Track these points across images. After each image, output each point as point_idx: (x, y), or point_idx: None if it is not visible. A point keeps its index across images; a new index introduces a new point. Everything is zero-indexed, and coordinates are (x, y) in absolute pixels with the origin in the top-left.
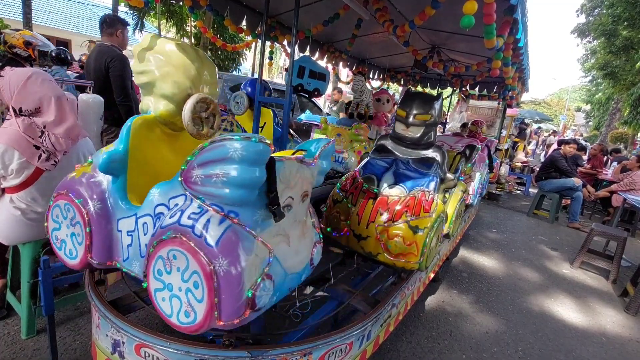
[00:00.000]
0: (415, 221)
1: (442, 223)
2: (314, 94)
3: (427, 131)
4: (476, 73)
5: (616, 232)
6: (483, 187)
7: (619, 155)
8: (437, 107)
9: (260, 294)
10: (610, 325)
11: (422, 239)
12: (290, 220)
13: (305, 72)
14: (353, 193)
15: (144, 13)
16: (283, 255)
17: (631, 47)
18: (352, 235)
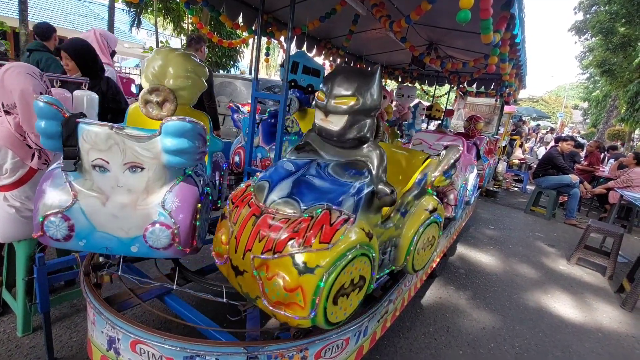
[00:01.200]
0: (305, 255)
1: (361, 262)
2: (307, 90)
3: (353, 121)
4: (473, 70)
5: (613, 229)
6: (473, 193)
7: (616, 152)
8: (369, 86)
9: (48, 224)
10: (606, 321)
11: (311, 284)
12: (110, 183)
13: (298, 68)
14: (238, 206)
15: (140, 10)
16: (92, 209)
17: (628, 44)
18: (230, 266)
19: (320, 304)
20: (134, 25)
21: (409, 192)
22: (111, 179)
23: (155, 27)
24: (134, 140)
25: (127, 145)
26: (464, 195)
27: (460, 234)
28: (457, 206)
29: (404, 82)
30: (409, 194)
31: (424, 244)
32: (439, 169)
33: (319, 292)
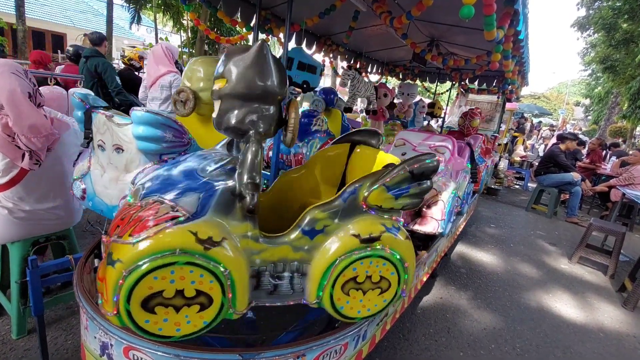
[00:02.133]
0: (112, 245)
1: (190, 271)
2: (303, 87)
3: (226, 108)
4: (475, 66)
5: (614, 227)
6: (466, 201)
7: (618, 150)
8: (243, 67)
9: (74, 185)
10: (607, 321)
11: (112, 278)
12: (106, 160)
13: (293, 64)
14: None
15: (140, 7)
16: (94, 178)
17: (631, 41)
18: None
19: (122, 305)
20: (134, 22)
21: (323, 206)
22: (106, 157)
23: (154, 24)
24: (116, 127)
25: (113, 130)
26: (453, 206)
27: (461, 233)
28: (445, 220)
29: (405, 80)
30: (321, 209)
31: (359, 284)
32: (379, 182)
33: (116, 290)
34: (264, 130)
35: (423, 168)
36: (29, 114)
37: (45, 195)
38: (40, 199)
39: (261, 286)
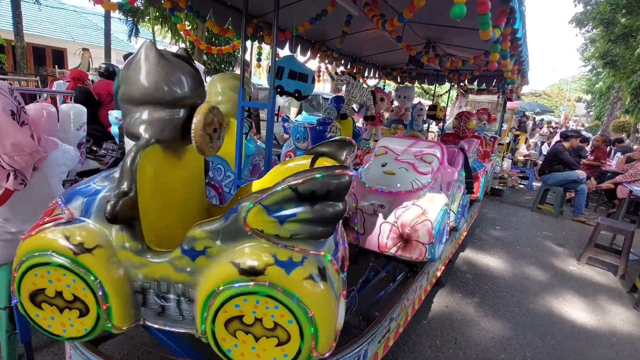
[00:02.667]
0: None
1: (55, 272)
2: (295, 96)
3: (123, 114)
4: (474, 67)
5: (623, 226)
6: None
7: (622, 145)
8: (131, 68)
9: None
10: (620, 324)
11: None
12: None
13: (284, 73)
14: None
15: (138, 19)
16: None
17: (630, 35)
18: None
19: (16, 295)
20: (132, 35)
21: (204, 225)
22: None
23: (152, 36)
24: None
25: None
26: (445, 224)
27: (466, 236)
28: (434, 244)
29: (403, 83)
30: (201, 228)
31: (247, 327)
32: (256, 200)
33: (12, 281)
34: (155, 135)
35: (312, 186)
36: (11, 132)
37: (32, 216)
38: (27, 220)
39: (147, 304)
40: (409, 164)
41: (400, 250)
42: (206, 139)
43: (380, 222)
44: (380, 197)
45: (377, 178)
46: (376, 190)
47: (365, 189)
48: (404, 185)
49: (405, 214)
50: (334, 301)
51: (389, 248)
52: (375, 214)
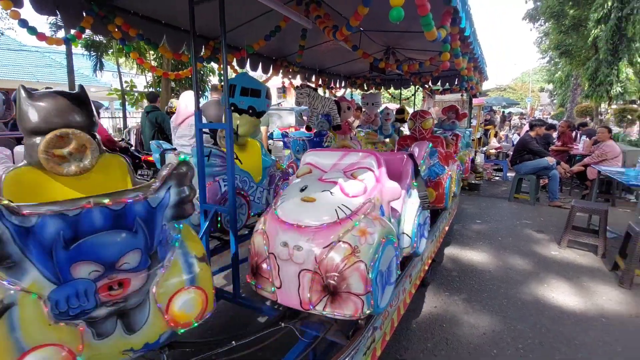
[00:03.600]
0: None
1: None
2: (249, 112)
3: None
4: (432, 68)
5: (597, 206)
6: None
7: (587, 129)
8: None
9: None
10: (607, 304)
11: None
12: None
13: (236, 91)
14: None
15: (101, 53)
16: None
17: (580, 25)
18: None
19: None
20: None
21: None
22: None
23: (117, 68)
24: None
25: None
26: (390, 261)
27: (448, 233)
28: (375, 293)
29: (368, 90)
30: None
31: None
32: None
33: None
34: (25, 158)
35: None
36: None
37: None
38: None
39: None
40: (334, 184)
41: (328, 307)
42: (51, 161)
43: (298, 269)
44: (296, 235)
45: (293, 208)
46: (291, 225)
47: (278, 224)
48: (325, 215)
49: (329, 257)
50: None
51: (314, 304)
52: (290, 258)
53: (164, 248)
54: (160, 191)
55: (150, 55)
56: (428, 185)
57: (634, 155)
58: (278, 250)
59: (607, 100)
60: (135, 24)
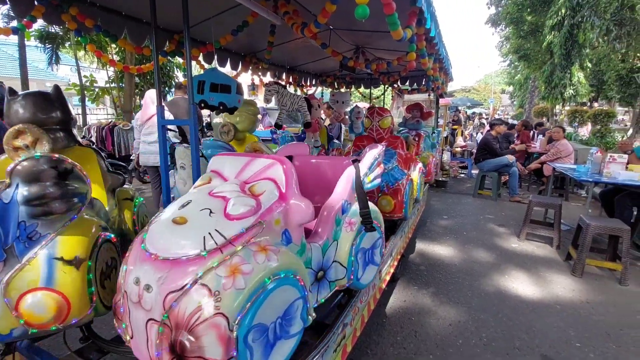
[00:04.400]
0: None
1: None
2: (220, 109)
3: None
4: (399, 68)
5: (552, 201)
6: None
7: (543, 128)
8: None
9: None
10: (561, 292)
11: None
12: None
13: (205, 87)
14: None
15: (57, 45)
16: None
17: (537, 30)
18: None
19: None
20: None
21: None
22: (187, 173)
23: (75, 62)
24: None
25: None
26: (287, 307)
27: (417, 230)
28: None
29: (338, 88)
30: None
31: None
32: None
33: None
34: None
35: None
36: None
37: None
38: None
39: None
40: (223, 200)
41: None
42: (11, 151)
43: (145, 317)
44: (151, 270)
45: (160, 232)
46: (149, 255)
47: (138, 252)
48: (190, 243)
49: (180, 305)
50: None
51: None
52: (139, 301)
53: (24, 245)
54: (10, 187)
55: (112, 49)
56: (386, 193)
57: (584, 153)
58: (129, 289)
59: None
60: (92, 14)
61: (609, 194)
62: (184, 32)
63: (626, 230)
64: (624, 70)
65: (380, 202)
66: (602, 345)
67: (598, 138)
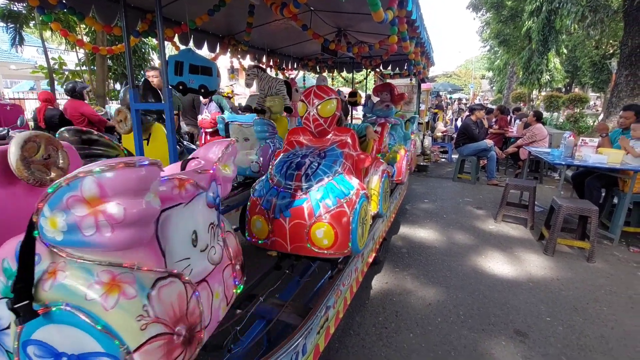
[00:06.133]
0: None
1: None
2: (200, 92)
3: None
4: (381, 52)
5: (527, 183)
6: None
7: (520, 113)
8: None
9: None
10: (534, 270)
11: None
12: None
13: (184, 68)
14: None
15: (21, 25)
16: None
17: (516, 16)
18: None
19: None
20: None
21: None
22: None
23: (42, 43)
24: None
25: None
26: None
27: (399, 214)
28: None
29: (321, 73)
30: None
31: None
32: None
33: None
34: None
35: None
36: None
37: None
38: None
39: None
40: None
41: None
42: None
43: None
44: None
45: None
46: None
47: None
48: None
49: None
50: None
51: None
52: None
53: None
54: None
55: (82, 29)
56: (321, 219)
57: (558, 137)
58: None
59: (538, 88)
60: None
61: (580, 177)
62: (156, 10)
63: (595, 211)
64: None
65: (312, 233)
66: (570, 318)
67: (571, 122)
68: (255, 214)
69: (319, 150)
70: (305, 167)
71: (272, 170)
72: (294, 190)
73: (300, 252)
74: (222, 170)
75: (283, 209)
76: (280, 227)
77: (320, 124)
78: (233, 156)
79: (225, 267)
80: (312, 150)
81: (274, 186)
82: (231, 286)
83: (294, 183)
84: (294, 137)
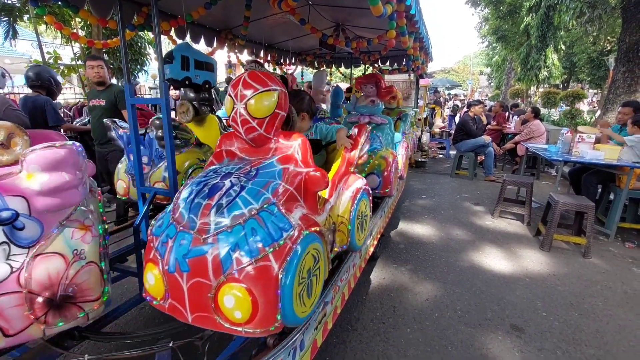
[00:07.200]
0: None
1: None
2: (205, 87)
3: None
4: (380, 47)
5: (524, 180)
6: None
7: (518, 109)
8: None
9: None
10: (531, 265)
11: None
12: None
13: (190, 63)
14: None
15: (14, 18)
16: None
17: (515, 12)
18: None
19: None
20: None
21: None
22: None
23: (36, 36)
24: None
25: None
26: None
27: (397, 209)
28: None
29: (319, 68)
30: None
31: None
32: None
33: None
34: None
35: None
36: None
37: None
38: None
39: None
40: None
41: None
42: None
43: None
44: None
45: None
46: None
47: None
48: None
49: None
50: None
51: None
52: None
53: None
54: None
55: (77, 23)
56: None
57: (555, 133)
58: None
59: (535, 84)
60: None
61: (577, 173)
62: (151, 3)
63: (591, 207)
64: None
65: (220, 300)
66: (566, 313)
67: (569, 119)
68: (149, 261)
69: (250, 167)
70: (220, 194)
71: (178, 196)
72: (197, 231)
73: (205, 325)
74: (25, 179)
75: (180, 259)
76: (177, 287)
77: (252, 127)
78: (51, 164)
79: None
80: (240, 166)
81: (172, 222)
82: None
83: (199, 220)
84: (226, 146)
